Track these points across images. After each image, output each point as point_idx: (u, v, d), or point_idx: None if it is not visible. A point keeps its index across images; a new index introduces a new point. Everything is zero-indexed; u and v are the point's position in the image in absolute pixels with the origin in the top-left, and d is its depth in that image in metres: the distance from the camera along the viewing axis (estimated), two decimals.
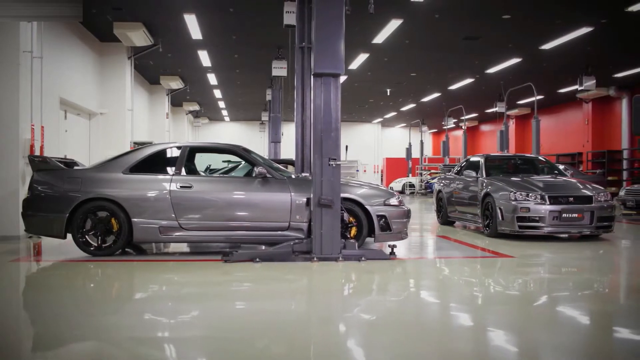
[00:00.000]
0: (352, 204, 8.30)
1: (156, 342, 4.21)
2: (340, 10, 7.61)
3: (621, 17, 14.72)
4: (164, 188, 8.09)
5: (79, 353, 4.04)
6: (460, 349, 4.12)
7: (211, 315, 5.09)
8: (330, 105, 7.65)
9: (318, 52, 7.53)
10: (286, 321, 4.87)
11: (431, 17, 14.88)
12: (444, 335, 4.51)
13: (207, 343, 4.14)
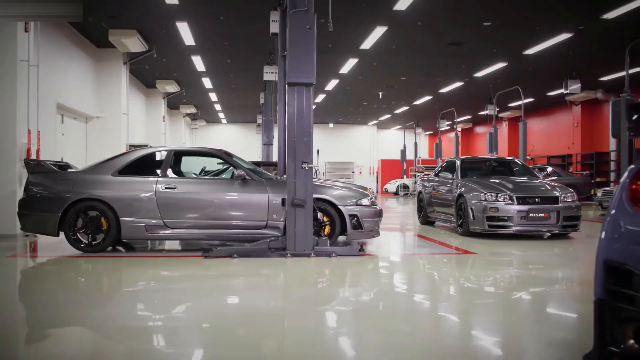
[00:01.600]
0: (326, 204, 8.87)
1: (141, 330, 4.68)
2: (312, 24, 8.15)
3: (597, 24, 15.26)
4: (150, 189, 8.67)
5: (69, 340, 4.52)
6: (397, 327, 4.68)
7: (192, 306, 5.58)
8: (303, 113, 8.23)
9: (291, 63, 8.11)
10: (262, 311, 5.42)
11: (414, 24, 15.43)
12: (392, 317, 5.07)
13: (189, 332, 4.58)
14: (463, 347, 4.16)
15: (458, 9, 14.26)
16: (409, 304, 5.81)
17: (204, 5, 13.86)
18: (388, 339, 4.38)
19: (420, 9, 13.99)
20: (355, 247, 8.58)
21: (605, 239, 2.66)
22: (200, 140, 39.55)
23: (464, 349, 4.13)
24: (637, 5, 13.70)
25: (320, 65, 20.19)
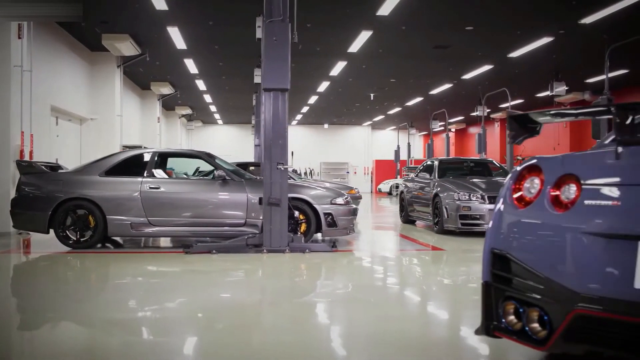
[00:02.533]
0: (302, 203, 9.35)
1: (126, 321, 5.04)
2: (286, 34, 8.61)
3: (576, 28, 15.70)
4: (135, 189, 9.14)
5: (57, 330, 4.90)
6: (356, 315, 5.16)
7: (174, 299, 5.99)
8: (278, 117, 8.71)
9: (267, 70, 8.58)
10: (239, 302, 5.89)
11: (398, 29, 15.89)
12: (352, 305, 5.55)
13: (172, 323, 4.92)
14: (402, 329, 4.62)
15: (439, 14, 14.72)
16: (368, 294, 6.26)
17: (192, 11, 14.33)
18: (349, 323, 4.87)
19: (402, 14, 14.43)
20: (329, 244, 9.04)
21: (492, 231, 3.13)
22: (196, 140, 40.01)
23: (403, 330, 4.59)
24: (612, 11, 14.15)
25: (310, 67, 20.90)
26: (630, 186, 2.64)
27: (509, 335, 2.99)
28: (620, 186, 2.66)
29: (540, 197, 2.92)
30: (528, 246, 2.90)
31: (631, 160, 2.70)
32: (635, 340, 2.52)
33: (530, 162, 3.08)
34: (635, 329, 2.49)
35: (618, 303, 2.51)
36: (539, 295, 2.81)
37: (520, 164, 3.15)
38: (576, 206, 2.75)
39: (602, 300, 2.55)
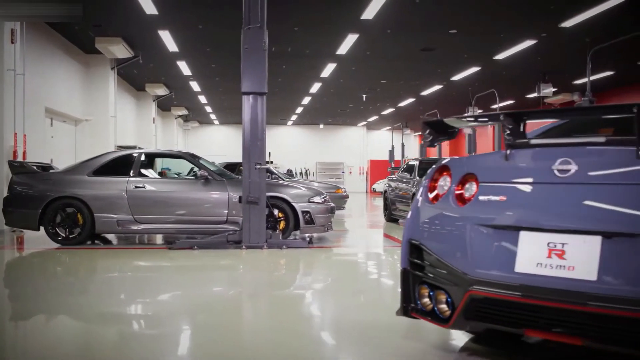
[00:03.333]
0: (281, 201, 9.77)
1: (114, 314, 5.31)
2: (264, 41, 9.03)
3: (557, 31, 16.09)
4: (121, 188, 9.57)
5: (47, 322, 5.21)
6: (326, 304, 5.58)
7: (158, 292, 6.37)
8: (257, 119, 9.13)
9: (245, 75, 9.02)
10: (217, 293, 6.31)
11: (384, 32, 16.28)
12: (320, 295, 5.97)
13: (157, 316, 5.25)
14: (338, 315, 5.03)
15: (423, 19, 15.11)
16: (335, 286, 6.67)
17: (182, 15, 14.75)
18: (316, 311, 5.30)
19: (386, 18, 14.82)
20: (305, 240, 9.47)
21: (409, 223, 3.54)
22: (193, 141, 40.39)
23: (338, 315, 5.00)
24: (591, 15, 14.55)
25: (301, 69, 21.30)
26: (514, 184, 3.06)
27: (423, 315, 3.40)
28: (507, 184, 3.09)
29: (447, 193, 3.34)
30: (436, 237, 3.31)
31: (516, 162, 3.12)
32: (517, 316, 2.94)
33: (443, 163, 3.50)
34: (516, 306, 2.91)
35: (502, 285, 2.92)
36: (444, 280, 3.22)
37: (436, 165, 3.57)
38: (473, 201, 3.17)
39: (489, 282, 2.97)
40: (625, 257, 2.60)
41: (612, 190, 2.72)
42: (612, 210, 2.69)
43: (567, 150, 2.91)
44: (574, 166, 2.84)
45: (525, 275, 2.86)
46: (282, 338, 4.32)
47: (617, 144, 2.82)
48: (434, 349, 3.89)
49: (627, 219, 2.63)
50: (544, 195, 2.92)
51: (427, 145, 3.55)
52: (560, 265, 2.76)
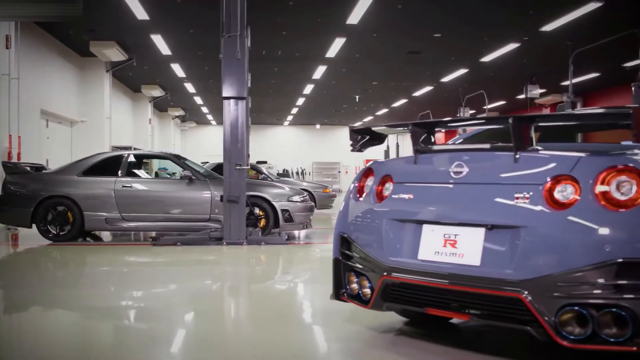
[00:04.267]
0: (262, 200, 10.26)
1: (102, 307, 5.63)
2: (243, 48, 9.51)
3: (539, 35, 16.55)
4: (109, 187, 10.06)
5: (39, 315, 5.64)
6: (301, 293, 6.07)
7: (143, 286, 6.79)
8: (237, 122, 9.62)
9: (225, 80, 9.50)
10: (202, 287, 6.78)
11: (370, 36, 16.76)
12: (295, 285, 6.47)
13: (143, 309, 5.64)
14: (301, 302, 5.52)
15: (406, 23, 15.58)
16: (306, 277, 7.16)
17: (173, 20, 15.24)
18: (284, 299, 5.81)
19: (371, 23, 15.29)
20: (283, 237, 9.95)
21: (340, 218, 4.02)
22: (191, 141, 40.87)
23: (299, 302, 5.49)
24: (569, 19, 15.02)
25: (292, 71, 21.80)
26: (419, 184, 3.55)
27: (351, 299, 3.89)
28: (414, 184, 3.58)
29: (370, 192, 3.83)
30: (360, 230, 3.80)
31: (422, 165, 3.61)
32: (420, 297, 3.43)
33: (368, 165, 3.99)
34: (419, 288, 3.39)
35: (408, 270, 3.41)
36: (366, 267, 3.71)
37: (366, 165, 4.06)
38: (388, 199, 3.66)
39: (398, 269, 3.45)
40: (503, 246, 3.08)
41: (494, 189, 3.21)
42: (493, 206, 3.18)
43: (461, 155, 3.39)
44: (466, 169, 3.33)
45: (425, 262, 3.34)
46: (244, 323, 4.81)
47: (499, 150, 3.30)
48: (369, 329, 4.36)
49: (505, 214, 3.12)
50: (441, 193, 3.41)
51: (356, 150, 4.03)
52: (453, 253, 3.25)
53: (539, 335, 3.00)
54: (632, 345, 2.80)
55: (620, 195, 2.90)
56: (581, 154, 3.06)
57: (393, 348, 3.91)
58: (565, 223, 2.95)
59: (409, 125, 3.60)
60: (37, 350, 4.00)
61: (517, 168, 3.16)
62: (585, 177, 2.97)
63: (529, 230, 3.01)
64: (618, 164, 2.94)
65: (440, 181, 3.44)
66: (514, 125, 3.15)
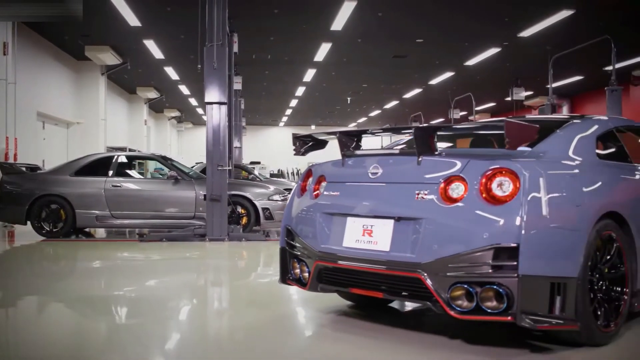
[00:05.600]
0: (243, 199, 10.88)
1: (93, 298, 6.12)
2: (224, 57, 10.14)
3: (518, 40, 17.20)
4: (99, 187, 10.68)
5: (34, 307, 6.26)
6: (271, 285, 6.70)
7: (133, 280, 7.25)
8: (219, 126, 10.24)
9: (208, 87, 10.14)
10: (186, 279, 7.38)
11: (355, 41, 17.41)
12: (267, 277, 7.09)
13: (131, 301, 6.07)
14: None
15: (388, 29, 16.22)
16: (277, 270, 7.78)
17: (164, 27, 15.89)
18: (256, 287, 6.43)
19: (354, 29, 15.94)
20: (263, 234, 10.58)
21: (285, 212, 4.64)
22: (187, 142, 41.50)
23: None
24: (545, 26, 15.66)
25: (283, 74, 22.45)
26: (345, 183, 4.18)
27: (294, 282, 4.51)
28: (341, 183, 4.21)
29: (308, 190, 4.46)
30: (300, 222, 4.42)
31: (348, 167, 4.24)
32: (344, 278, 4.06)
33: (308, 167, 4.62)
34: (344, 271, 4.02)
35: (334, 256, 4.04)
36: (304, 254, 4.33)
37: (309, 167, 4.68)
38: (321, 196, 4.29)
39: (328, 255, 4.08)
40: (407, 235, 3.71)
41: (401, 187, 3.84)
42: (400, 201, 3.80)
43: (378, 159, 4.02)
44: (381, 170, 3.96)
45: (348, 249, 3.97)
46: (222, 307, 5.45)
47: (406, 155, 3.93)
48: (317, 311, 4.99)
49: (409, 208, 3.74)
50: (361, 191, 4.04)
51: (299, 154, 4.66)
52: (369, 241, 3.87)
53: (436, 309, 3.63)
54: (507, 316, 3.43)
55: (500, 192, 3.53)
56: (470, 158, 3.69)
57: (337, 326, 4.52)
58: (456, 215, 3.57)
59: (337, 133, 4.23)
60: (31, 336, 4.40)
61: (420, 170, 3.79)
62: (472, 177, 3.60)
63: (428, 221, 3.64)
64: (498, 166, 3.57)
65: (361, 180, 4.07)
66: (417, 134, 3.78)
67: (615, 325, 3.90)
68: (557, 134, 4.27)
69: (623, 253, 4.01)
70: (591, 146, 4.30)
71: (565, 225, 3.57)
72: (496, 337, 4.02)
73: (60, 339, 4.37)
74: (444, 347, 3.85)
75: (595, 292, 3.80)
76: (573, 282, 3.53)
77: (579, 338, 3.70)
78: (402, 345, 3.88)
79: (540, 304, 3.44)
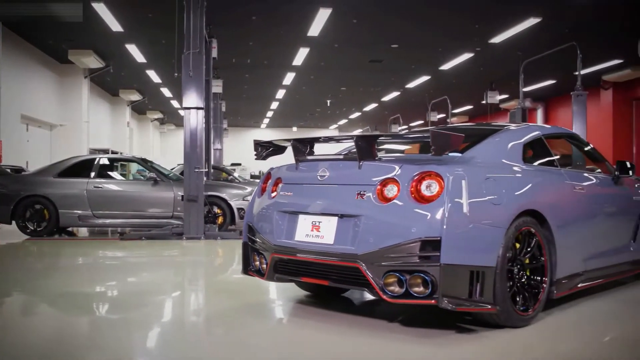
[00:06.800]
0: (220, 200, 11.40)
1: (75, 295, 6.46)
2: (201, 64, 10.64)
3: (489, 46, 17.82)
4: (81, 188, 11.15)
5: (17, 303, 6.91)
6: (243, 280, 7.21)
7: (114, 276, 7.73)
8: (196, 130, 10.75)
9: (184, 94, 10.63)
10: (163, 276, 7.90)
11: (332, 46, 17.95)
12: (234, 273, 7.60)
13: (112, 296, 6.53)
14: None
15: (363, 35, 16.78)
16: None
17: (146, 32, 16.36)
18: (228, 279, 6.95)
19: (330, 35, 16.48)
20: (237, 232, 11.09)
21: (247, 211, 5.17)
22: (170, 143, 41.82)
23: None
24: (514, 33, 16.28)
25: (263, 77, 22.96)
26: (297, 184, 4.71)
27: (255, 273, 5.03)
28: (294, 184, 4.74)
29: (267, 190, 4.99)
30: (259, 219, 4.94)
31: (300, 170, 4.78)
32: (296, 269, 4.59)
33: (268, 170, 5.15)
34: (295, 262, 4.55)
35: (288, 249, 4.57)
36: (263, 248, 4.86)
37: (270, 169, 5.21)
38: (277, 196, 4.82)
39: (281, 248, 4.61)
40: (348, 229, 4.25)
41: (344, 189, 4.37)
42: (343, 200, 4.34)
43: (326, 163, 4.56)
44: (328, 173, 4.50)
45: (299, 242, 4.50)
46: (196, 296, 5.96)
47: (349, 160, 4.47)
48: (274, 300, 5.53)
49: (351, 206, 4.28)
50: (311, 191, 4.58)
51: (260, 159, 5.18)
52: (317, 235, 4.41)
53: (372, 294, 4.17)
54: (431, 299, 3.98)
55: (428, 193, 4.07)
56: (404, 163, 4.24)
57: (296, 312, 5.06)
58: (389, 212, 4.12)
59: (291, 141, 4.77)
60: (13, 332, 4.57)
61: (360, 173, 4.33)
62: (404, 179, 4.14)
63: (366, 217, 4.18)
64: (427, 170, 4.12)
65: (311, 182, 4.61)
66: (357, 142, 4.32)
67: (533, 309, 4.46)
68: (487, 141, 4.83)
69: (542, 246, 4.57)
70: (517, 152, 4.86)
71: (484, 222, 4.12)
72: (429, 321, 4.57)
73: (43, 334, 4.54)
74: (384, 329, 4.39)
75: (515, 280, 4.35)
76: (491, 271, 4.09)
77: (498, 320, 4.25)
78: (351, 328, 4.41)
79: (460, 289, 4.00)
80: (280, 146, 5.21)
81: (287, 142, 4.98)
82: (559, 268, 4.74)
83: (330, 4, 13.66)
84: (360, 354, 3.89)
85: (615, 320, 4.91)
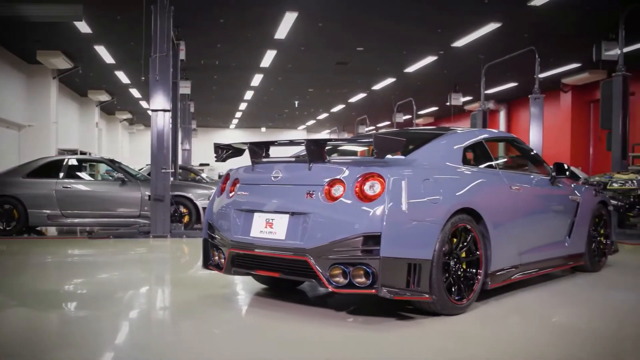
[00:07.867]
0: (186, 199, 11.72)
1: (44, 292, 6.69)
2: (168, 68, 10.95)
3: (452, 50, 18.31)
4: (50, 188, 11.39)
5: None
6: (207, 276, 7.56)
7: (82, 274, 7.98)
8: (162, 131, 11.06)
9: (152, 95, 10.94)
10: (131, 274, 8.19)
11: (298, 49, 18.31)
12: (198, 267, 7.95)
13: (81, 293, 6.84)
14: None
15: (328, 38, 17.16)
16: None
17: (114, 34, 16.57)
18: (193, 275, 7.29)
19: (297, 38, 16.84)
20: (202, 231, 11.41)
21: (207, 209, 5.53)
22: (139, 143, 41.79)
23: None
24: (475, 37, 16.79)
25: (231, 79, 23.27)
26: (253, 184, 5.10)
27: (215, 268, 5.40)
28: (250, 185, 5.12)
29: (225, 190, 5.36)
30: (218, 217, 5.31)
31: (256, 171, 5.16)
32: (251, 262, 4.97)
33: (227, 171, 5.52)
34: (250, 256, 4.93)
35: (243, 244, 4.94)
36: (221, 244, 5.23)
37: (230, 170, 5.58)
38: (235, 195, 5.20)
39: (238, 243, 4.98)
40: (298, 226, 4.64)
41: (295, 188, 4.76)
42: (294, 199, 4.73)
43: (280, 165, 4.95)
44: (281, 174, 4.88)
45: (254, 238, 4.88)
46: (163, 290, 6.31)
47: (300, 162, 4.87)
48: (236, 293, 5.90)
49: (301, 205, 4.67)
50: (265, 191, 4.96)
51: (220, 160, 5.55)
52: (270, 231, 4.79)
53: (319, 285, 4.57)
54: (372, 289, 4.38)
55: (371, 192, 4.48)
56: (350, 165, 4.65)
57: (254, 303, 5.44)
58: (335, 210, 4.52)
59: (248, 144, 5.15)
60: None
61: (310, 174, 4.73)
62: (350, 180, 4.55)
63: (314, 215, 4.57)
64: (370, 172, 4.52)
65: (265, 182, 4.99)
66: (308, 146, 4.72)
67: (468, 299, 4.89)
68: (429, 145, 5.26)
69: (478, 241, 5.01)
70: (457, 155, 5.29)
71: (421, 218, 4.54)
72: (373, 310, 4.98)
73: (11, 332, 4.64)
74: (335, 317, 4.79)
75: (451, 271, 4.78)
76: (428, 264, 4.51)
77: (435, 308, 4.68)
78: (304, 316, 4.80)
79: (398, 280, 4.41)
80: (239, 149, 5.56)
81: (245, 145, 5.34)
82: (493, 261, 5.17)
83: (296, 8, 14.03)
84: (315, 337, 4.29)
85: (541, 309, 5.37)
